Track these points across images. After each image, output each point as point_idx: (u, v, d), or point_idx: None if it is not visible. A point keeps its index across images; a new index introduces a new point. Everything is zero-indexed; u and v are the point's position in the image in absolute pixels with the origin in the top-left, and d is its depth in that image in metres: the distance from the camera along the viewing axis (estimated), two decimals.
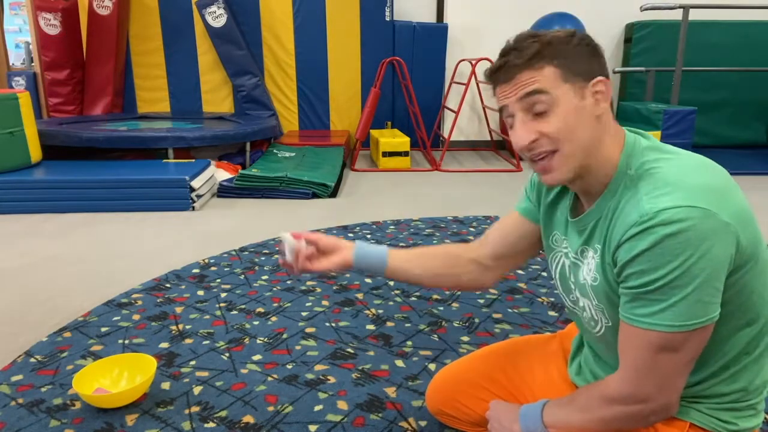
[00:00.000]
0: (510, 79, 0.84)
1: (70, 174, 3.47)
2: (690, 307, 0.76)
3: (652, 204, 0.76)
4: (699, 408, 0.89)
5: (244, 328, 1.89)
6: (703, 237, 0.73)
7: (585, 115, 0.83)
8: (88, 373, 1.49)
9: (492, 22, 5.59)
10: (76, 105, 5.19)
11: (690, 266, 0.74)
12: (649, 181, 0.81)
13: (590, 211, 0.90)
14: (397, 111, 5.68)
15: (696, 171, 0.81)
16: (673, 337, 0.77)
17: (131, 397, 1.44)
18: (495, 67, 0.86)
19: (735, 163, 4.91)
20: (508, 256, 1.12)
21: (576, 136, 0.83)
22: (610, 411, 0.86)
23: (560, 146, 0.84)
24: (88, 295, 2.17)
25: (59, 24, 4.93)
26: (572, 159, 0.85)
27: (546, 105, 0.83)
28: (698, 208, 0.74)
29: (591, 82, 0.84)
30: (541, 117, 0.83)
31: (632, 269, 0.78)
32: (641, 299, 0.78)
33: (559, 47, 0.83)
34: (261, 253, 2.63)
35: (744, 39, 5.48)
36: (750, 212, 0.81)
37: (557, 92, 0.82)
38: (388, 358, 1.71)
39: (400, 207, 3.55)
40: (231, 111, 5.59)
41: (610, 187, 0.86)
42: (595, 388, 0.90)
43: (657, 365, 0.80)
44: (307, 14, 5.37)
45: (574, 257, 0.95)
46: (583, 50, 0.84)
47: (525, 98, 0.83)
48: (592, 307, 0.93)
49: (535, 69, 0.82)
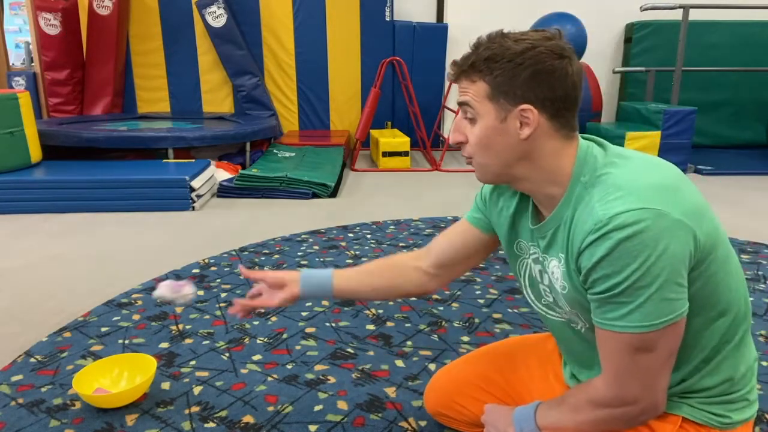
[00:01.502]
0: (456, 80, 0.90)
1: (70, 174, 3.47)
2: (656, 306, 0.77)
3: (605, 210, 0.78)
4: (690, 403, 0.90)
5: (244, 328, 1.89)
6: (658, 237, 0.75)
7: (504, 135, 0.86)
8: (88, 373, 1.49)
9: (492, 22, 5.56)
10: (76, 105, 5.19)
11: (650, 266, 0.75)
12: (601, 188, 0.82)
13: (548, 219, 0.90)
14: (397, 111, 5.68)
15: (645, 172, 0.82)
16: (646, 336, 0.78)
17: (131, 397, 1.44)
18: (453, 61, 0.91)
19: (735, 163, 4.91)
20: (452, 264, 1.13)
21: (487, 153, 0.88)
22: (599, 413, 0.87)
23: (474, 156, 0.90)
24: (88, 295, 2.17)
25: (59, 24, 4.93)
26: (485, 169, 0.91)
27: (472, 115, 0.88)
28: (650, 209, 0.75)
29: (519, 107, 0.83)
30: (471, 123, 0.89)
31: (596, 275, 0.79)
32: (609, 303, 0.80)
33: (497, 64, 0.83)
34: (261, 253, 2.63)
35: (744, 39, 5.48)
36: (705, 206, 0.83)
37: (480, 108, 0.86)
38: (388, 358, 1.71)
39: (400, 207, 3.55)
40: (231, 111, 5.59)
41: (565, 195, 0.87)
42: (583, 390, 0.90)
43: (636, 366, 0.81)
44: (307, 14, 5.37)
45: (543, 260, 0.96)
46: (523, 72, 0.82)
47: (460, 105, 0.89)
48: (566, 312, 0.94)
49: (470, 80, 0.87)
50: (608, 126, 4.83)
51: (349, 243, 2.80)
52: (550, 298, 0.97)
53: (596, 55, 5.56)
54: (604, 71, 5.73)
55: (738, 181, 4.33)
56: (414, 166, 4.94)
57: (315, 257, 2.58)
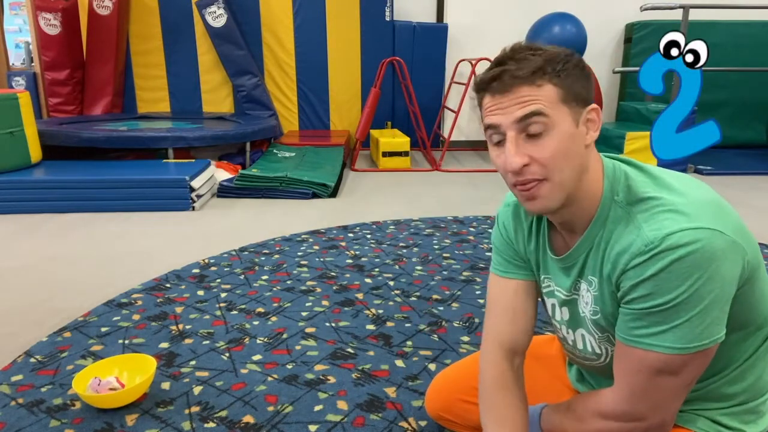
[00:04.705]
0: (507, 91, 0.76)
1: (70, 174, 3.47)
2: (693, 330, 0.73)
3: (655, 231, 0.74)
4: (707, 415, 0.87)
5: (244, 328, 1.89)
6: (711, 258, 0.71)
7: (577, 143, 0.78)
8: (88, 374, 1.49)
9: (492, 22, 5.59)
10: (76, 105, 5.19)
11: (698, 288, 0.71)
12: (643, 207, 0.78)
13: (578, 244, 0.85)
14: (397, 111, 5.68)
15: (687, 189, 0.78)
16: (673, 359, 0.75)
17: (131, 397, 1.44)
18: (490, 75, 0.78)
19: (735, 163, 4.91)
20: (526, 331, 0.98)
21: (567, 165, 0.78)
22: (604, 425, 0.84)
23: (550, 175, 0.77)
24: (88, 295, 2.17)
25: (59, 24, 4.93)
26: (561, 188, 0.79)
27: (542, 127, 0.76)
28: (705, 229, 0.72)
29: (586, 108, 0.79)
30: (535, 139, 0.77)
31: (637, 293, 0.75)
32: (642, 320, 0.76)
33: (559, 65, 0.76)
34: (261, 253, 2.63)
35: (744, 39, 5.48)
36: (744, 224, 0.79)
37: (555, 115, 0.76)
38: (388, 358, 1.71)
39: (400, 207, 3.55)
40: (231, 111, 5.59)
41: (597, 216, 0.82)
42: (591, 400, 0.87)
43: (654, 388, 0.78)
44: (307, 14, 5.37)
45: (567, 294, 0.91)
46: (579, 73, 0.78)
47: (522, 120, 0.76)
48: (595, 341, 0.90)
49: (536, 85, 0.75)
50: (608, 126, 4.82)
51: (349, 243, 2.80)
52: (573, 334, 0.93)
53: (596, 55, 5.56)
54: (604, 71, 5.73)
55: (738, 181, 4.33)
56: (414, 166, 4.94)
57: (315, 257, 2.58)
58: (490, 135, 0.81)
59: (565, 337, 0.98)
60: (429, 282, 2.30)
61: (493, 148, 0.82)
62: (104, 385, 1.46)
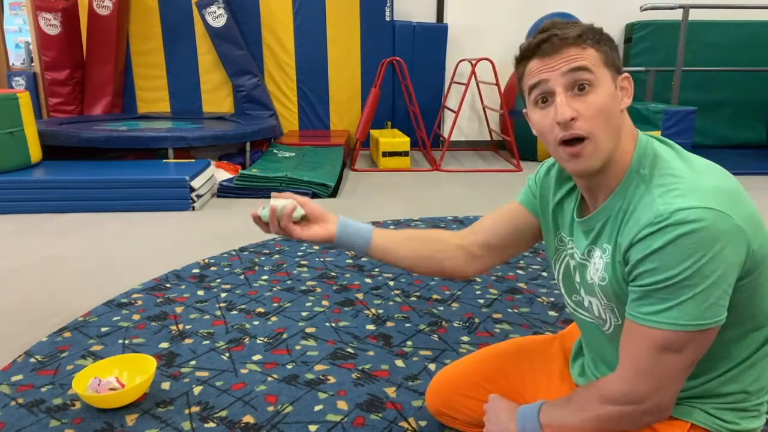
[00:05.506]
0: (555, 53, 0.82)
1: (70, 174, 3.47)
2: (697, 308, 0.76)
3: (666, 205, 0.77)
4: (704, 408, 0.89)
5: (244, 328, 1.89)
6: (715, 238, 0.74)
7: (616, 105, 0.84)
8: (88, 374, 1.49)
9: (492, 22, 5.59)
10: (76, 105, 5.19)
11: (701, 266, 0.74)
12: (662, 182, 0.81)
13: (599, 210, 0.89)
14: (397, 111, 5.68)
15: (710, 174, 0.82)
16: (677, 336, 0.77)
17: (131, 397, 1.44)
18: (538, 40, 0.84)
19: (735, 163, 4.91)
20: (500, 247, 1.10)
21: (608, 125, 0.83)
22: (605, 410, 0.86)
23: (593, 132, 0.82)
24: (88, 295, 2.17)
25: (59, 24, 4.93)
26: (603, 149, 0.83)
27: (589, 82, 0.82)
28: (712, 209, 0.74)
29: (620, 75, 0.86)
30: (582, 95, 0.82)
31: (643, 267, 0.78)
32: (649, 297, 0.78)
33: (598, 34, 0.84)
34: (261, 253, 2.63)
35: (744, 39, 5.48)
36: (760, 218, 0.81)
37: (599, 73, 0.82)
38: (388, 358, 1.71)
39: (400, 207, 3.55)
40: (231, 111, 5.59)
41: (621, 186, 0.86)
42: (593, 386, 0.90)
43: (657, 365, 0.80)
44: (307, 14, 5.37)
45: (581, 258, 0.94)
46: (612, 44, 0.86)
47: (570, 73, 0.81)
48: (601, 306, 0.92)
49: (581, 47, 0.82)
50: None
51: None
52: (581, 295, 0.96)
53: None
54: None
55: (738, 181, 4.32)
56: (414, 166, 4.94)
57: (315, 257, 2.58)
58: (536, 96, 0.86)
59: (568, 298, 1.02)
60: (429, 282, 2.30)
61: (536, 111, 0.87)
62: (104, 385, 1.46)
